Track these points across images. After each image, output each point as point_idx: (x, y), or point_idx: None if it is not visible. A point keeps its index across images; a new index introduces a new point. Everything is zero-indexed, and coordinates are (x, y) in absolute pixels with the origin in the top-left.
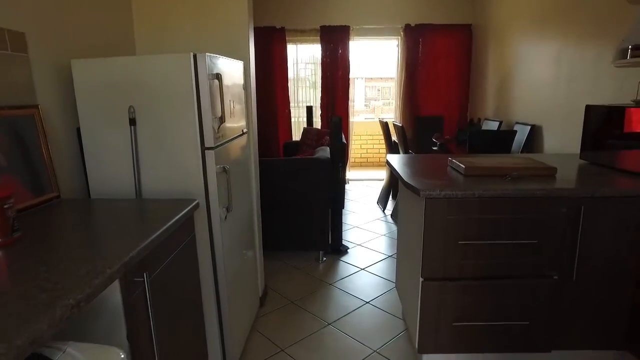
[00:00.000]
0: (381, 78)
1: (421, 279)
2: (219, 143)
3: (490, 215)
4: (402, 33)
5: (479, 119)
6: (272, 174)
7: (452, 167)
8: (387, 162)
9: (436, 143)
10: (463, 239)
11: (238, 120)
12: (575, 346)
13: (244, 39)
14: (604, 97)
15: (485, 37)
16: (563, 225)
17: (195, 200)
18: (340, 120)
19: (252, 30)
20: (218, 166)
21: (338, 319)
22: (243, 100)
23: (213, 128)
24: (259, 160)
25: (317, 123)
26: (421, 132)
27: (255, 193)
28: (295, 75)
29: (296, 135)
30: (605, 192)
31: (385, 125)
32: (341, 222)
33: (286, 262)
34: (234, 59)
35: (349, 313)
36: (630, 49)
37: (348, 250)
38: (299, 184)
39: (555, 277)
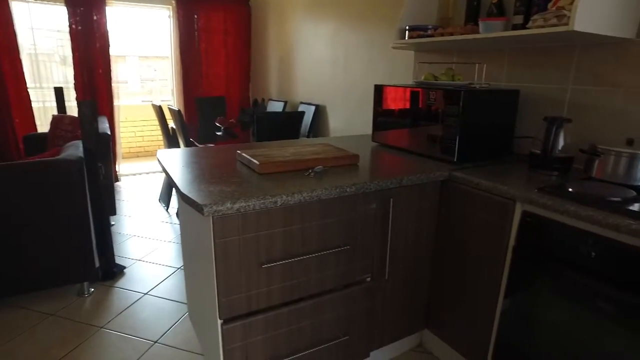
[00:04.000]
0: (157, 57)
1: (220, 322)
2: None
3: (296, 225)
4: (173, 2)
5: (263, 99)
6: None
7: (242, 162)
8: (159, 162)
9: (220, 127)
10: (267, 262)
11: None
12: (386, 341)
13: None
14: (378, 78)
15: (264, 14)
16: (373, 222)
17: None
18: (93, 105)
19: None
20: None
21: None
22: None
23: None
24: None
25: (73, 108)
26: (203, 115)
27: None
28: (34, 47)
29: (44, 126)
30: (412, 180)
31: (159, 110)
32: (111, 236)
33: (32, 310)
34: None
35: None
36: (408, 29)
37: (125, 270)
38: (36, 197)
39: (369, 280)
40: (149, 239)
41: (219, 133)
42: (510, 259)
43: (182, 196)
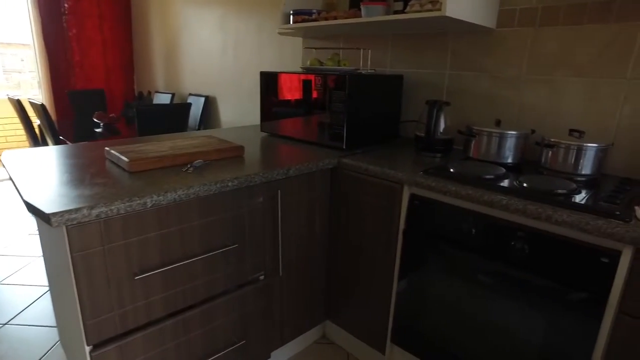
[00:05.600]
0: (24, 44)
1: (88, 349)
2: None
3: (174, 227)
4: None
5: (149, 92)
6: None
7: (111, 160)
8: (3, 164)
9: (99, 124)
10: (141, 272)
11: None
12: (288, 339)
13: None
14: (268, 65)
15: None
16: (262, 217)
17: None
18: None
19: None
20: None
21: None
22: None
23: None
24: None
25: None
26: (79, 110)
27: None
28: None
29: None
30: (300, 170)
31: (18, 105)
32: None
33: None
34: None
35: None
36: (292, 14)
37: None
38: None
39: (262, 278)
40: (14, 257)
41: (98, 130)
42: (401, 243)
43: (26, 205)
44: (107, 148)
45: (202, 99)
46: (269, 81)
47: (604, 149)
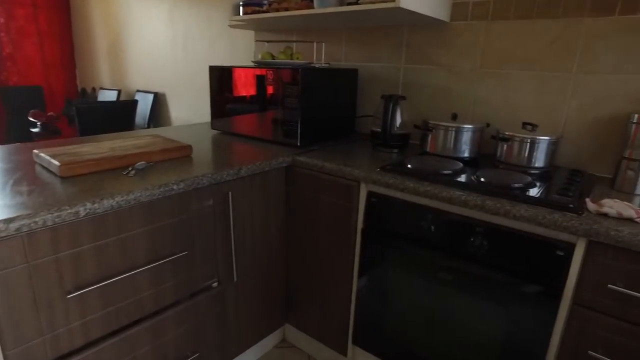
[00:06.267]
0: None
1: None
2: None
3: (112, 237)
4: None
5: (94, 89)
6: None
7: (42, 165)
8: None
9: (36, 123)
10: (75, 289)
11: None
12: (246, 346)
13: None
14: (220, 59)
15: None
16: (212, 221)
17: None
18: None
19: None
20: None
21: None
22: None
23: None
24: None
25: None
26: (12, 108)
27: None
28: None
29: None
30: (252, 170)
31: None
32: None
33: None
34: None
35: None
36: (242, 5)
37: None
38: None
39: (215, 285)
40: None
41: (35, 130)
42: (360, 242)
43: None
44: (35, 151)
45: (151, 96)
46: (219, 76)
47: (555, 142)
